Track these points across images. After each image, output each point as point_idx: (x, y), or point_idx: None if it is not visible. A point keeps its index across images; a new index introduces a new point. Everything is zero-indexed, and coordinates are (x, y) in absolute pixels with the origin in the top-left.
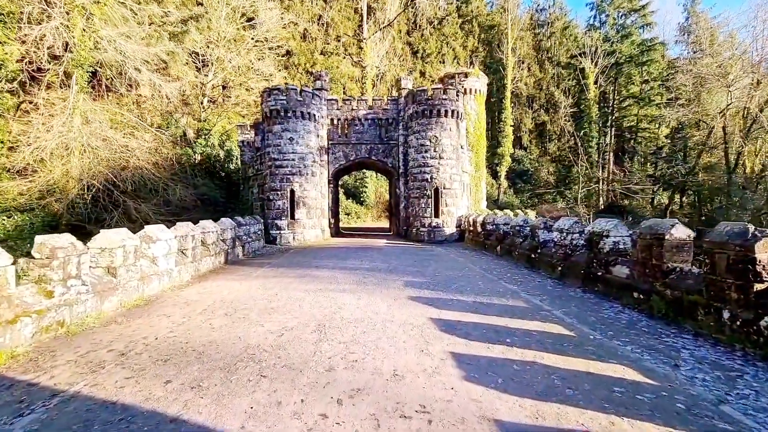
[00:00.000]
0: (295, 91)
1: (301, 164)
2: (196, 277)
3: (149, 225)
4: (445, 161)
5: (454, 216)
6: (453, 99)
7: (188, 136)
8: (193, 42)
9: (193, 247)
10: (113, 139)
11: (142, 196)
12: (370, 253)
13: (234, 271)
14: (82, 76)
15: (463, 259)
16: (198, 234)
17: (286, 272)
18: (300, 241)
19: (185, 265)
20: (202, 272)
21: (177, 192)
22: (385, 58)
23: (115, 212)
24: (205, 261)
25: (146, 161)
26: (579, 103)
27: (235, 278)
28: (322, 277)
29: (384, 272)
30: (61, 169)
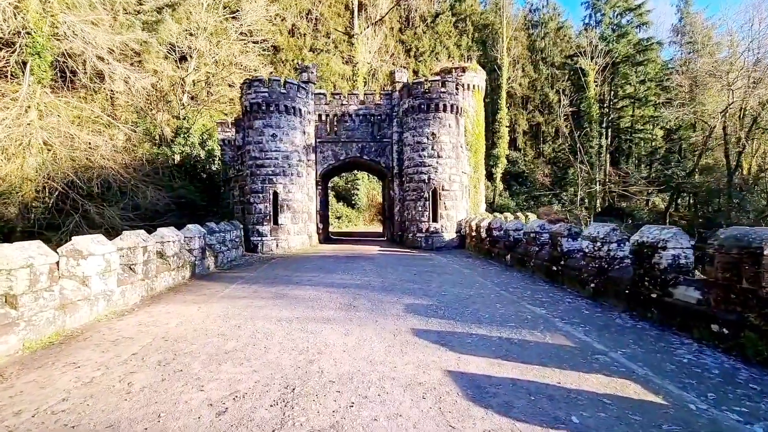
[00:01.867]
0: (279, 82)
1: (285, 164)
2: (148, 298)
3: (127, 231)
4: (444, 160)
5: (453, 220)
6: (452, 92)
7: (166, 134)
8: (168, 33)
9: (145, 261)
10: (77, 136)
11: (108, 199)
12: (362, 263)
13: (198, 289)
14: (40, 65)
15: (469, 271)
16: (152, 245)
17: (259, 290)
18: (284, 248)
19: (133, 284)
20: (158, 291)
21: (148, 195)
22: (377, 56)
23: (75, 216)
24: (162, 277)
25: (113, 160)
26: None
27: (196, 299)
28: (302, 297)
29: (379, 290)
30: (12, 168)
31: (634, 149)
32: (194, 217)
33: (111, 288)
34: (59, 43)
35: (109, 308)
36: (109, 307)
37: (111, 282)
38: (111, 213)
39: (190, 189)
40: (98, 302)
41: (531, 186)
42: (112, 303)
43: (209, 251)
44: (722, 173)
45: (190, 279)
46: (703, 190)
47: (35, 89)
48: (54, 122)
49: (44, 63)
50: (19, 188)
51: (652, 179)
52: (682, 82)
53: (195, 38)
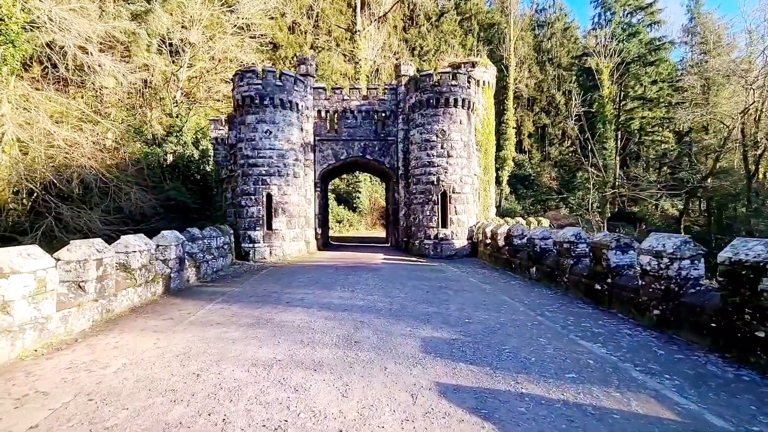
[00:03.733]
0: (274, 74)
1: (280, 163)
2: (102, 322)
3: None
4: (455, 160)
5: (465, 226)
6: (464, 86)
7: (157, 133)
8: (159, 24)
9: (99, 277)
10: (55, 132)
11: (87, 201)
12: (365, 276)
13: (167, 310)
14: (13, 55)
15: (489, 287)
16: (110, 256)
17: (240, 313)
18: (278, 256)
19: (81, 306)
20: (117, 313)
21: (132, 197)
22: (380, 54)
23: (47, 219)
24: (124, 295)
25: (95, 159)
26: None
27: (159, 326)
28: (290, 325)
29: (386, 315)
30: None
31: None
32: (186, 220)
33: (46, 314)
34: (38, 32)
35: (42, 340)
36: (43, 338)
37: (46, 306)
38: (89, 216)
39: (182, 191)
40: (25, 334)
41: (537, 190)
42: (48, 333)
43: (190, 261)
44: (738, 177)
45: (162, 295)
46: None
47: (8, 81)
48: (30, 117)
49: (18, 53)
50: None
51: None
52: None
53: (188, 31)
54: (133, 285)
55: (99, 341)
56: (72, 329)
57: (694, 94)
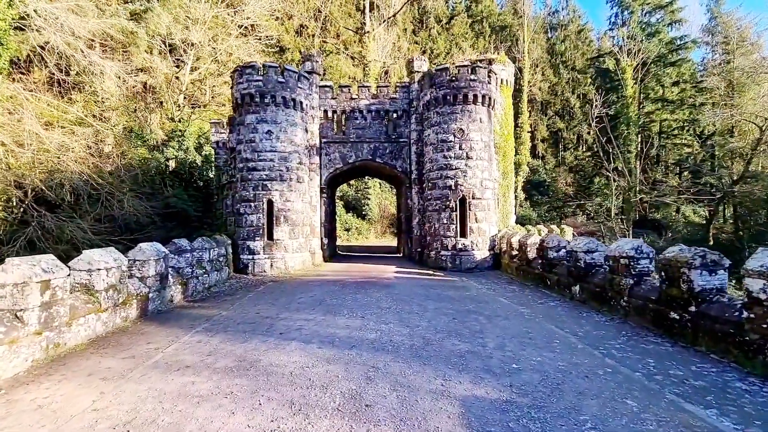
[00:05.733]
0: (276, 69)
1: (282, 166)
2: (46, 361)
3: None
4: (475, 162)
5: (486, 235)
6: (484, 80)
7: (158, 137)
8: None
9: (45, 304)
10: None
11: (76, 208)
12: (376, 294)
13: (132, 343)
14: (1, 54)
15: (527, 311)
16: (61, 277)
17: (218, 350)
18: (280, 269)
19: (16, 342)
20: (70, 346)
21: (125, 204)
22: (389, 57)
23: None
24: (83, 324)
25: (86, 164)
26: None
27: (112, 368)
28: (279, 373)
29: (406, 356)
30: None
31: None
32: (187, 229)
33: None
34: (34, 33)
35: None
36: None
37: None
38: (75, 225)
39: (184, 198)
40: None
41: (553, 196)
42: None
43: (175, 277)
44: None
45: (137, 319)
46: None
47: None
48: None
49: (6, 52)
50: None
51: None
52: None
53: (190, 31)
54: (97, 310)
55: (25, 394)
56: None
57: (719, 96)
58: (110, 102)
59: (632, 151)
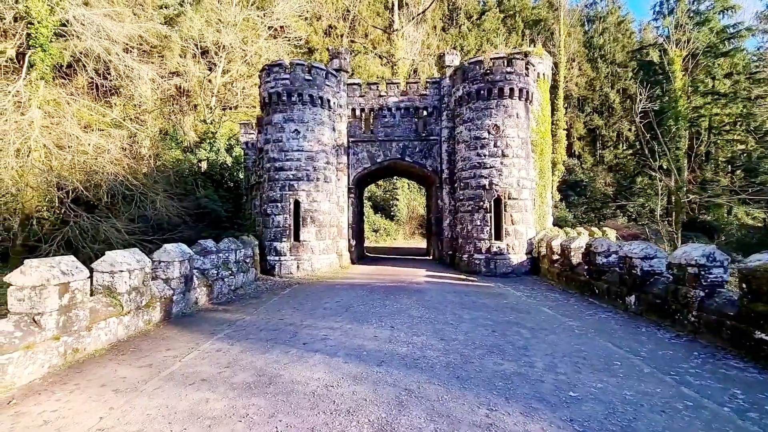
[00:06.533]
0: (303, 67)
1: (309, 166)
2: (64, 367)
3: None
4: (511, 160)
5: (523, 238)
6: (521, 73)
7: (191, 139)
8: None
9: (63, 307)
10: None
11: (113, 208)
12: (407, 301)
13: (153, 349)
14: (43, 59)
15: (576, 324)
16: (80, 280)
17: (238, 361)
18: (307, 271)
19: (32, 348)
20: (89, 352)
21: (157, 204)
22: (419, 55)
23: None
24: (104, 327)
25: (121, 165)
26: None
27: (127, 378)
28: (300, 392)
29: (443, 376)
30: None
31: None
32: (218, 229)
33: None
34: (75, 40)
35: None
36: None
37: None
38: (110, 225)
39: (215, 199)
40: None
41: (590, 196)
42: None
43: (200, 279)
44: None
45: (160, 323)
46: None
47: (38, 85)
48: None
49: (48, 57)
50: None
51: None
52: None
53: (221, 34)
54: (118, 314)
55: (34, 406)
56: (14, 381)
57: None
58: (146, 105)
59: (681, 148)
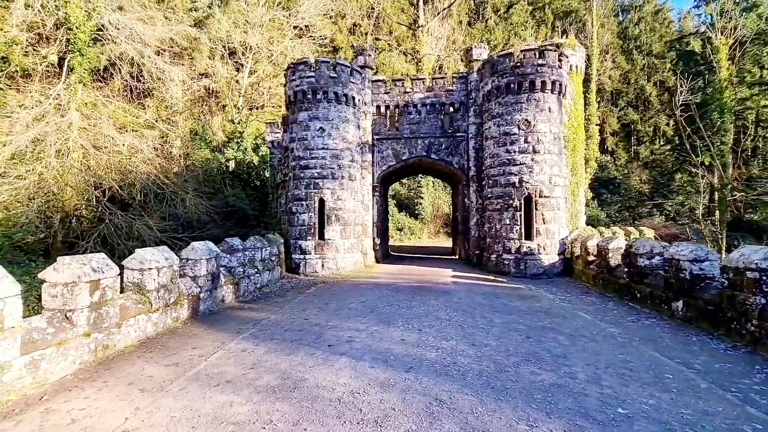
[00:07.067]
0: (327, 64)
1: (334, 164)
2: (94, 364)
3: None
4: (542, 156)
5: (555, 238)
6: (553, 65)
7: (219, 139)
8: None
9: (95, 304)
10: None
11: (145, 207)
12: (434, 303)
13: (180, 347)
14: (81, 63)
15: (618, 330)
16: (110, 277)
17: (262, 363)
18: (331, 269)
19: (64, 344)
20: (119, 348)
21: (187, 202)
22: (444, 51)
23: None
24: (133, 324)
25: (153, 164)
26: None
27: (155, 377)
28: (326, 398)
29: (476, 385)
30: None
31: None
32: (245, 227)
33: (3, 359)
34: (111, 45)
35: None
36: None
37: (2, 349)
38: (143, 223)
39: (242, 197)
40: None
41: (625, 194)
42: (3, 387)
43: (227, 277)
44: None
45: (187, 320)
46: None
47: (76, 89)
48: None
49: (85, 61)
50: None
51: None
52: None
53: (247, 34)
54: (147, 311)
55: (63, 404)
56: (47, 377)
57: None
58: (177, 106)
59: (726, 142)
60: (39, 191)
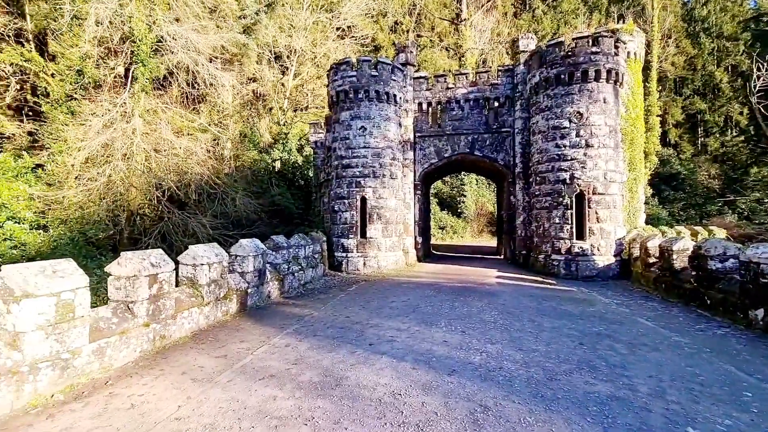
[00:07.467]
0: (369, 63)
1: (375, 163)
2: (152, 353)
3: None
4: (596, 151)
5: (610, 237)
6: (609, 52)
7: (266, 141)
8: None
9: (153, 297)
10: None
11: (199, 206)
12: (478, 304)
13: (229, 339)
14: (143, 73)
15: (684, 340)
16: (167, 272)
17: (305, 359)
18: (373, 268)
19: (126, 333)
20: (174, 339)
21: (237, 201)
22: (488, 44)
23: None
24: (187, 317)
25: (206, 166)
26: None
27: (205, 368)
28: (366, 397)
29: (524, 393)
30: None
31: None
32: (289, 225)
33: (73, 347)
34: (169, 55)
35: (66, 380)
36: (67, 378)
37: (73, 337)
38: (197, 221)
39: (287, 196)
40: (38, 374)
41: (690, 191)
42: (74, 371)
43: (272, 273)
44: None
45: (236, 314)
46: None
47: (139, 97)
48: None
49: (147, 71)
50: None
51: None
52: None
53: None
54: (200, 304)
55: (125, 389)
56: (111, 363)
57: None
58: (228, 110)
59: None
60: (108, 192)
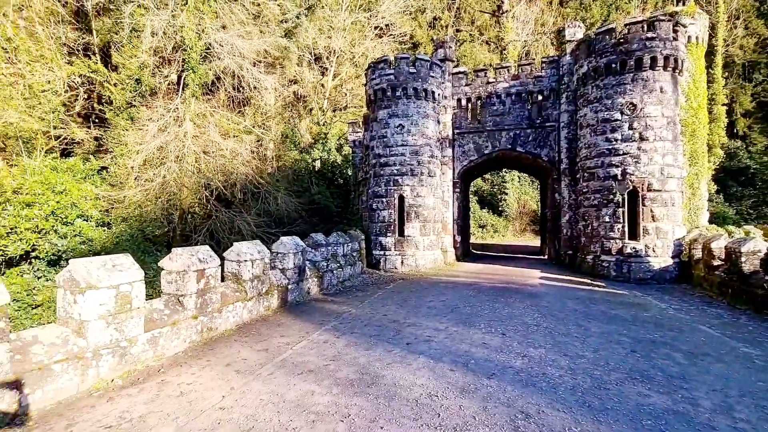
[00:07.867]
0: (407, 60)
1: (413, 161)
2: (200, 344)
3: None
4: (651, 144)
5: (667, 237)
6: (666, 37)
7: (306, 141)
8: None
9: (200, 290)
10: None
11: (244, 204)
12: (519, 306)
13: (270, 333)
14: (193, 80)
15: (757, 352)
16: (213, 267)
17: (342, 355)
18: (411, 266)
19: (176, 324)
20: (220, 332)
21: (279, 200)
22: (531, 35)
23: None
24: (231, 311)
25: (250, 166)
26: None
27: (248, 360)
28: (403, 397)
29: (569, 402)
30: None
31: None
32: (329, 223)
33: (131, 335)
34: (210, 58)
35: (123, 366)
36: (125, 364)
37: (131, 326)
38: (242, 219)
39: (326, 195)
40: (100, 360)
41: (762, 187)
42: (131, 358)
43: (312, 270)
44: None
45: (277, 309)
46: None
47: (189, 102)
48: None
49: (197, 77)
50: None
51: None
52: None
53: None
54: (243, 299)
55: (175, 377)
56: (163, 352)
57: None
58: (270, 112)
59: None
60: (163, 191)
